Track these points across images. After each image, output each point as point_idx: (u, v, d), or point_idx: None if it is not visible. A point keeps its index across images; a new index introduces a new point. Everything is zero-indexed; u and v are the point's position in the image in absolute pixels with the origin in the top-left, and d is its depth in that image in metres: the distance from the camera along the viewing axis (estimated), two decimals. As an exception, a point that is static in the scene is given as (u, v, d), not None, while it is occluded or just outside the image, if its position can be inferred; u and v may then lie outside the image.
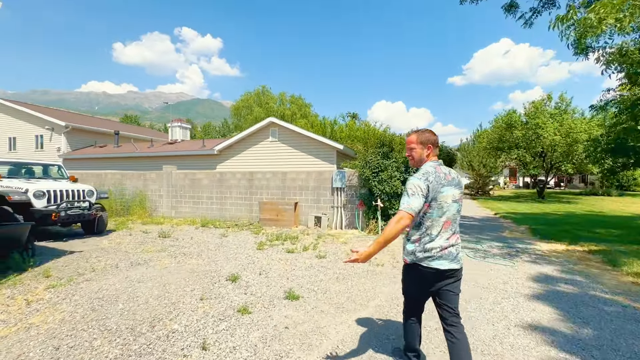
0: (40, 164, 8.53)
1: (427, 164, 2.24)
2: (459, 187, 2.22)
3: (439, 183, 2.12)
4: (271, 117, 12.58)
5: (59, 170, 8.68)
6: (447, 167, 2.29)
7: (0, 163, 7.88)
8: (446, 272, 2.15)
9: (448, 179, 2.18)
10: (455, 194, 2.18)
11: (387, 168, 8.66)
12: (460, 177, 2.32)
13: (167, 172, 12.16)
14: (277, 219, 9.92)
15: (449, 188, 2.16)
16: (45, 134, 17.32)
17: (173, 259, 5.75)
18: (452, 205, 2.16)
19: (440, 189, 2.12)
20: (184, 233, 8.59)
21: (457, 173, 2.31)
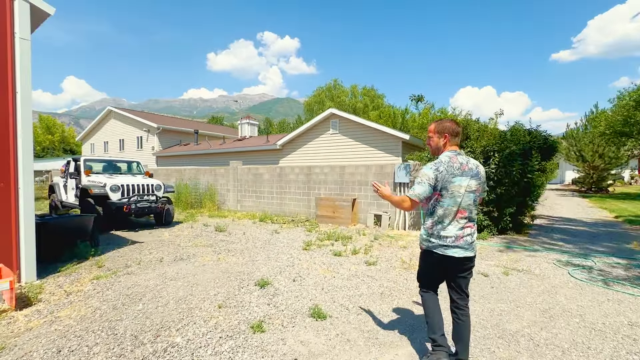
0: (124, 161, 9.58)
1: (444, 153, 2.28)
2: (476, 178, 2.23)
3: (450, 173, 2.17)
4: (332, 108, 11.98)
5: (138, 166, 9.62)
6: (467, 158, 2.27)
7: (95, 161, 9.01)
8: (461, 259, 2.19)
9: (463, 169, 2.20)
10: (472, 185, 2.20)
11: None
12: (480, 169, 2.29)
13: (233, 167, 12.64)
14: (334, 216, 9.30)
15: (463, 178, 2.19)
16: (143, 135, 20.12)
17: (215, 256, 5.63)
18: (467, 195, 2.20)
19: (451, 178, 2.17)
20: (239, 227, 8.64)
21: (479, 164, 2.29)
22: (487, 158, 7.38)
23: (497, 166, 7.12)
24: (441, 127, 2.28)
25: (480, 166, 2.33)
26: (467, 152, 7.30)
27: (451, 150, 2.29)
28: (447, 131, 2.28)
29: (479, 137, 8.07)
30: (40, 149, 56.71)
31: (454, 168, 2.18)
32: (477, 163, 2.30)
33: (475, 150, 7.34)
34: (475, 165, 2.26)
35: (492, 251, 6.21)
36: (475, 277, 4.57)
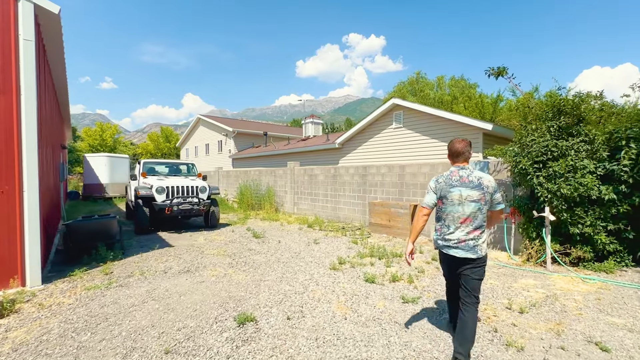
0: (181, 163, 9.91)
1: (450, 168, 2.70)
2: (478, 189, 2.52)
3: (449, 184, 2.59)
4: (395, 98, 10.25)
5: (192, 168, 9.83)
6: (470, 172, 2.58)
7: (152, 163, 9.44)
8: (462, 259, 2.54)
9: (463, 181, 2.56)
10: (472, 195, 2.52)
11: (567, 153, 4.95)
12: (484, 181, 2.53)
13: (290, 168, 12.11)
14: (389, 225, 7.76)
15: (462, 189, 2.54)
16: (222, 139, 21.63)
17: (226, 270, 4.90)
18: (470, 204, 2.51)
19: (449, 189, 2.58)
20: (280, 234, 7.89)
21: (482, 177, 2.55)
22: (616, 150, 4.89)
23: (635, 162, 4.62)
24: (448, 148, 2.72)
25: (485, 178, 2.54)
26: (580, 141, 4.96)
27: (456, 165, 2.67)
28: (450, 151, 2.70)
29: (601, 121, 5.51)
30: (160, 155, 68.25)
31: (452, 180, 2.59)
32: (480, 176, 2.55)
33: (594, 139, 4.93)
34: (477, 178, 2.54)
35: (624, 296, 3.92)
36: (586, 350, 2.69)
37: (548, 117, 5.36)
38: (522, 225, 5.69)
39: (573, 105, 5.09)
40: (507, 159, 5.63)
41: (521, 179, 5.52)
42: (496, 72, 5.52)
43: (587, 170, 4.82)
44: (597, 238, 4.93)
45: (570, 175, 4.89)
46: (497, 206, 2.58)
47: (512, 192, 5.99)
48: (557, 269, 5.09)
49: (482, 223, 2.52)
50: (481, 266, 2.53)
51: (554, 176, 5.00)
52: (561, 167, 4.89)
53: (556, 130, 5.24)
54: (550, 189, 4.98)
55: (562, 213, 5.02)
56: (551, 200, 5.06)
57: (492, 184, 2.54)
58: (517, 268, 5.14)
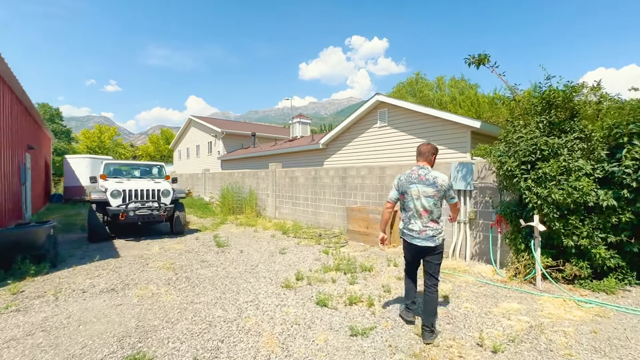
0: (148, 164, 9.26)
1: (413, 167, 3.09)
2: (433, 187, 2.87)
3: (408, 181, 2.98)
4: (379, 95, 9.52)
5: (161, 170, 9.17)
6: (428, 171, 2.96)
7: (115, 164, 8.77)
8: (423, 247, 2.92)
9: (420, 179, 2.92)
10: (427, 191, 2.88)
11: (559, 152, 4.23)
12: (439, 180, 2.89)
13: (271, 170, 11.44)
14: (367, 233, 7.04)
15: (419, 186, 2.91)
16: (212, 140, 21.04)
17: (159, 288, 4.22)
18: (426, 199, 2.88)
19: (409, 185, 2.96)
20: (249, 242, 7.20)
21: (437, 176, 2.91)
22: (616, 148, 4.15)
23: (639, 162, 3.88)
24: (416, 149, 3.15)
25: (440, 178, 2.91)
26: (575, 138, 4.23)
27: (417, 164, 3.08)
28: (416, 152, 3.15)
29: (599, 115, 4.78)
30: (159, 157, 67.89)
31: (412, 178, 2.99)
32: (436, 175, 2.92)
33: (590, 136, 4.21)
34: (432, 177, 2.91)
35: (626, 328, 3.17)
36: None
37: (537, 111, 4.64)
38: (509, 236, 4.95)
39: (565, 96, 4.36)
40: (491, 159, 4.90)
41: (507, 182, 4.79)
42: (477, 60, 4.81)
43: (582, 172, 4.09)
44: (596, 252, 4.19)
45: (563, 178, 4.16)
46: (451, 200, 3.07)
47: (499, 197, 5.26)
48: (549, 287, 4.36)
49: (439, 215, 2.93)
50: (439, 252, 2.95)
51: (544, 179, 4.27)
52: (552, 168, 4.17)
53: (546, 126, 4.51)
54: (540, 194, 4.26)
55: (554, 222, 4.29)
56: (541, 207, 4.33)
57: (445, 183, 2.92)
58: (501, 286, 4.40)
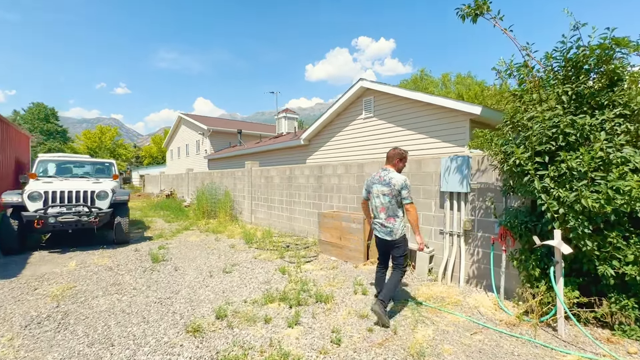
0: (91, 161, 8.05)
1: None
2: (387, 186, 3.22)
3: (371, 182, 3.41)
4: (363, 80, 8.14)
5: (109, 167, 7.97)
6: (387, 172, 3.31)
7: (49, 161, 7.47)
8: (382, 240, 3.37)
9: (380, 180, 3.31)
10: (383, 190, 3.25)
11: (593, 137, 2.86)
12: (393, 180, 3.21)
13: (247, 169, 10.19)
14: (340, 245, 5.71)
15: (378, 185, 3.31)
16: (199, 138, 19.91)
17: (9, 334, 2.96)
18: (383, 197, 3.26)
19: (372, 185, 3.39)
20: (197, 255, 5.94)
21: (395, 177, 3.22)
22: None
23: None
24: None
25: (395, 178, 3.22)
26: (616, 116, 2.86)
27: (383, 167, 3.44)
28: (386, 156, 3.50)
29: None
30: (161, 157, 67.40)
31: (374, 178, 3.40)
32: (392, 176, 3.25)
33: (639, 112, 2.84)
34: (389, 178, 3.25)
35: None
36: None
37: (559, 78, 3.26)
38: (518, 256, 3.58)
39: (601, 55, 2.97)
40: (493, 150, 3.54)
41: (515, 182, 3.42)
42: (472, 9, 3.45)
43: (629, 167, 2.71)
44: None
45: (599, 176, 2.79)
46: (404, 201, 3.21)
47: (504, 202, 3.89)
48: (576, 334, 2.98)
49: (396, 213, 3.27)
50: (399, 245, 3.30)
51: (570, 177, 2.91)
52: (583, 161, 2.80)
53: (572, 100, 3.14)
54: (564, 198, 2.89)
55: (583, 240, 2.91)
56: (565, 218, 2.96)
57: (399, 182, 3.20)
58: (506, 333, 3.03)
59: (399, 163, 3.37)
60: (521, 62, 3.47)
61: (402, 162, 3.38)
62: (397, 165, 3.36)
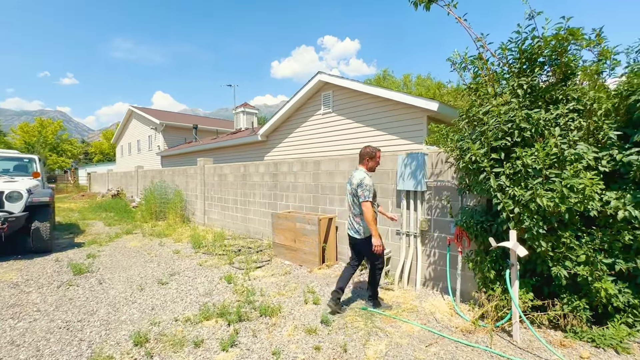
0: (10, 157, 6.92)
1: None
2: (350, 184, 3.28)
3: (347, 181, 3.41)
4: (321, 73, 7.82)
5: (29, 164, 6.90)
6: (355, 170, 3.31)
7: None
8: (351, 237, 3.39)
9: (350, 179, 3.31)
10: (348, 189, 3.33)
11: (548, 132, 2.73)
12: (353, 178, 3.24)
13: (200, 166, 9.44)
14: (295, 248, 5.32)
15: (347, 184, 3.35)
16: (152, 134, 18.47)
17: None
18: (348, 196, 3.34)
19: (346, 184, 3.42)
20: (132, 264, 5.24)
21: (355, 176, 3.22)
22: (634, 126, 2.71)
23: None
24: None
25: (354, 177, 3.23)
26: (570, 111, 2.76)
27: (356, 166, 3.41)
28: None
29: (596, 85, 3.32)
30: (113, 154, 62.59)
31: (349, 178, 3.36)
32: (354, 175, 3.26)
33: (592, 108, 2.75)
34: (352, 177, 3.27)
35: None
36: None
37: (513, 72, 3.11)
38: (474, 257, 3.42)
39: (555, 46, 2.85)
40: (448, 146, 3.33)
41: (471, 180, 3.24)
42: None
43: (583, 164, 2.60)
44: (599, 286, 2.73)
45: (554, 173, 2.65)
46: (359, 199, 3.17)
47: (460, 202, 3.72)
48: (530, 340, 2.85)
49: (360, 212, 3.20)
50: (367, 243, 3.20)
51: (525, 175, 2.75)
52: (538, 157, 2.65)
53: (527, 94, 3.00)
54: (519, 197, 2.73)
55: (538, 241, 2.78)
56: (520, 218, 2.81)
57: (355, 180, 3.19)
58: (461, 342, 2.82)
59: (369, 162, 3.27)
60: (476, 54, 3.29)
61: (373, 161, 3.28)
62: (368, 165, 3.28)
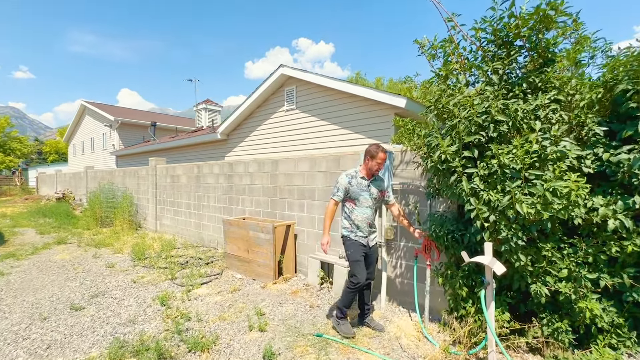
0: None
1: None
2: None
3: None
4: (284, 66, 7.23)
5: None
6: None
7: None
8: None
9: None
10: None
11: (527, 126, 2.32)
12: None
13: (151, 166, 8.52)
14: (248, 259, 4.68)
15: None
16: (106, 131, 16.96)
17: None
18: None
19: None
20: (46, 283, 4.37)
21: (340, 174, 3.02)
22: (619, 121, 2.36)
23: None
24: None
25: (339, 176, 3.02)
26: (552, 101, 2.38)
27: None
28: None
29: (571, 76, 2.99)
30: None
31: None
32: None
33: (572, 100, 2.39)
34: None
35: None
36: None
37: (486, 58, 2.70)
38: (444, 271, 2.98)
39: (535, 25, 2.46)
40: (414, 143, 2.87)
41: (440, 182, 2.80)
42: None
43: (566, 164, 2.21)
44: (584, 306, 2.35)
45: (535, 175, 2.24)
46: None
47: (428, 207, 3.28)
48: (509, 371, 2.42)
49: (343, 210, 3.02)
50: (344, 245, 3.01)
51: (502, 177, 2.33)
52: (516, 155, 2.23)
53: (504, 82, 2.60)
54: (495, 203, 2.30)
55: (516, 254, 2.36)
56: (497, 227, 2.38)
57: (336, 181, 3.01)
58: (430, 378, 2.34)
59: (369, 161, 2.88)
60: (447, 37, 2.86)
61: (373, 161, 2.86)
62: (368, 164, 2.90)
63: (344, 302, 2.95)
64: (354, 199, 2.93)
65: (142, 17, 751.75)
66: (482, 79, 2.73)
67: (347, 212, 2.98)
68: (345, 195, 2.94)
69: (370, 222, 2.98)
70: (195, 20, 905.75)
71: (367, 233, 2.96)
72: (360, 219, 2.92)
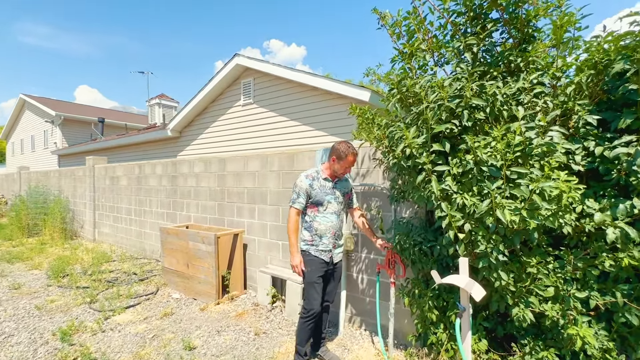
0: None
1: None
2: None
3: None
4: (239, 56, 6.53)
5: None
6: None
7: None
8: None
9: None
10: None
11: (507, 114, 1.86)
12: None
13: (89, 166, 7.47)
14: (188, 275, 3.96)
15: None
16: (48, 128, 15.18)
17: None
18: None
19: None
20: None
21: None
22: (613, 108, 1.97)
23: None
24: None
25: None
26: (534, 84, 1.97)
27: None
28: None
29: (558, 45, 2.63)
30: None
31: None
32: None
33: (557, 83, 1.99)
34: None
35: None
36: None
37: (457, 32, 2.25)
38: (411, 290, 2.49)
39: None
40: (374, 135, 2.36)
41: (406, 182, 2.30)
42: None
43: (557, 160, 1.78)
44: (574, 332, 1.94)
45: (517, 173, 1.79)
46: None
47: (392, 213, 2.79)
48: (488, 416, 1.95)
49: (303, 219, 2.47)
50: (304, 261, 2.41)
51: (479, 175, 1.86)
52: (496, 149, 1.77)
53: (479, 60, 2.15)
54: (471, 208, 1.82)
55: (496, 272, 1.91)
56: (473, 239, 1.91)
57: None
58: None
59: (334, 163, 2.35)
60: (411, 9, 2.37)
61: (339, 163, 2.34)
62: (332, 166, 2.37)
63: (299, 339, 2.37)
64: (316, 204, 2.39)
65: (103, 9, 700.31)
66: (454, 60, 2.26)
67: (307, 220, 2.44)
68: (307, 200, 2.39)
69: (336, 231, 2.45)
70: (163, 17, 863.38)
71: (331, 246, 2.42)
72: (324, 229, 2.39)
